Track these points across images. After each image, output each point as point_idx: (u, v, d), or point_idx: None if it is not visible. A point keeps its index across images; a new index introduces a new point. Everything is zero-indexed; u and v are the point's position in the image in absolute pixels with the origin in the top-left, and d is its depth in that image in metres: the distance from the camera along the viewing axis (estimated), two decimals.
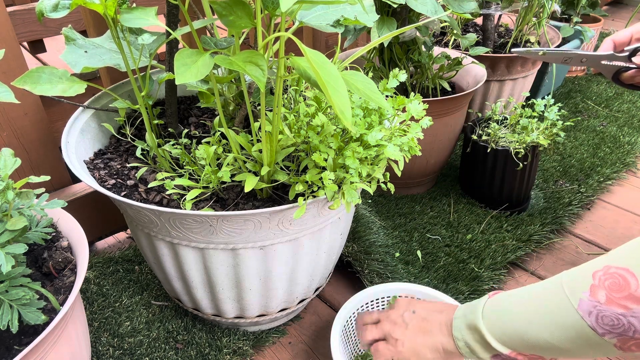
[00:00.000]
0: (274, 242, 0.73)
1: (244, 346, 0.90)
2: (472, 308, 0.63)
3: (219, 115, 0.71)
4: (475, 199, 1.27)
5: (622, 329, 0.48)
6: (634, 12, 1.89)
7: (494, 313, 0.60)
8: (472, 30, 1.70)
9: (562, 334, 0.52)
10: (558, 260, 1.14)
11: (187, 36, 1.12)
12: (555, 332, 0.53)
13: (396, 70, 0.79)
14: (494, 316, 0.59)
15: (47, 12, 0.67)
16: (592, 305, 0.50)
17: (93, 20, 0.96)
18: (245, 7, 0.56)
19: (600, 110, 1.75)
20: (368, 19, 0.73)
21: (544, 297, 0.55)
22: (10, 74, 0.88)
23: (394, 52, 1.19)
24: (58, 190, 1.05)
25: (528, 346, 0.56)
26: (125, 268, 1.04)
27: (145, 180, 0.79)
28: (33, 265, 0.69)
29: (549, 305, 0.54)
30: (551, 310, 0.53)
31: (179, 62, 0.53)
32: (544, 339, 0.54)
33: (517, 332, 0.56)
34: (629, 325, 0.48)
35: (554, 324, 0.53)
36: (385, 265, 1.01)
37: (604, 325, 0.49)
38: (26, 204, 0.63)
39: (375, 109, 0.75)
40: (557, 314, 0.52)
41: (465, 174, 1.28)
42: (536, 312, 0.55)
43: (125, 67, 0.74)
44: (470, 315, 0.62)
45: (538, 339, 0.54)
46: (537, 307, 0.55)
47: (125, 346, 0.87)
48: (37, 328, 0.61)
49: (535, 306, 0.55)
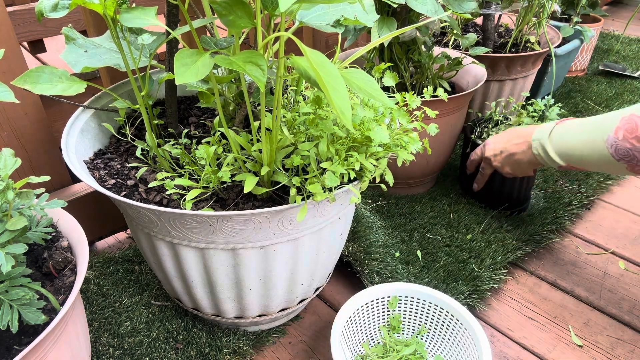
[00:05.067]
0: (274, 242, 0.73)
1: (244, 346, 0.90)
2: (543, 133, 0.92)
3: (219, 115, 0.71)
4: (475, 199, 1.27)
5: (629, 158, 0.76)
6: (634, 12, 1.89)
7: (557, 138, 0.89)
8: (472, 30, 1.70)
9: (597, 156, 0.81)
10: (558, 260, 1.14)
11: (187, 36, 1.12)
12: (593, 155, 0.82)
13: (389, 72, 0.80)
14: (556, 141, 0.89)
15: (47, 12, 0.67)
16: (613, 140, 0.77)
17: (93, 20, 0.96)
18: (245, 7, 0.56)
19: (600, 110, 1.75)
20: (368, 18, 0.73)
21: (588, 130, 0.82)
22: (10, 74, 0.88)
23: (394, 52, 1.19)
24: (58, 190, 1.04)
25: (578, 161, 0.86)
26: (125, 268, 1.04)
27: (145, 180, 0.79)
28: (33, 265, 0.69)
29: (590, 136, 0.82)
30: (591, 140, 0.81)
31: (179, 62, 0.53)
32: (587, 158, 0.83)
33: (570, 153, 0.86)
34: (634, 156, 0.76)
35: (593, 149, 0.81)
36: (385, 265, 1.01)
37: (620, 154, 0.77)
38: (26, 204, 0.63)
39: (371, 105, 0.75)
40: (594, 143, 0.81)
41: (466, 175, 1.28)
42: (582, 140, 0.83)
43: (125, 67, 0.74)
44: (542, 139, 0.91)
45: (584, 157, 0.84)
46: (583, 137, 0.83)
47: (125, 346, 0.87)
48: (37, 328, 0.61)
49: (582, 136, 0.83)
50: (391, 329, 0.90)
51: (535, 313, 1.01)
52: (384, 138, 0.67)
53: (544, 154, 0.91)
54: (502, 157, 1.02)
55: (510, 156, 1.00)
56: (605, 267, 1.12)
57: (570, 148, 0.86)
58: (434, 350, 0.89)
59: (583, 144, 0.83)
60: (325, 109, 0.71)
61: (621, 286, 1.08)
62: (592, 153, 0.82)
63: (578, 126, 0.85)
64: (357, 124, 0.69)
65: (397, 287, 0.88)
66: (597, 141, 0.80)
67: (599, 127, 0.80)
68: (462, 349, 0.83)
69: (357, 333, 0.88)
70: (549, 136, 0.90)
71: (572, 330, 0.98)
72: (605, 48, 2.32)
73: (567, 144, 0.86)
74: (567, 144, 0.86)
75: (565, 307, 1.03)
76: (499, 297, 1.05)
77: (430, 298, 0.87)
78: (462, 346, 0.83)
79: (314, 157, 0.68)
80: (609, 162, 0.79)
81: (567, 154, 0.87)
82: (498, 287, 1.06)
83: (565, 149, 0.87)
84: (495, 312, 1.01)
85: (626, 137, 0.75)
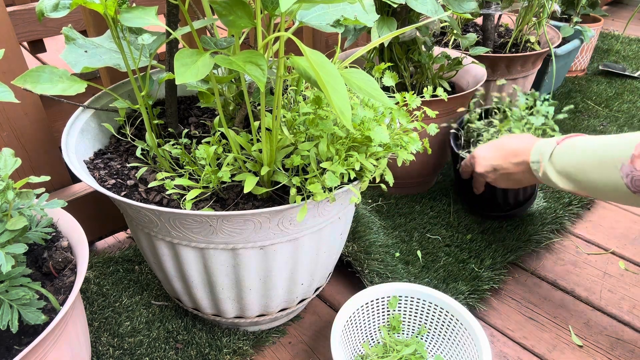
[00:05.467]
0: (274, 242, 0.73)
1: (244, 346, 0.90)
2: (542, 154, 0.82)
3: (219, 115, 0.71)
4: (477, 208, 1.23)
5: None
6: (634, 12, 1.89)
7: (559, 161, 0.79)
8: (472, 30, 1.70)
9: (608, 186, 0.72)
10: (558, 260, 1.14)
11: (187, 36, 1.12)
12: (603, 183, 0.72)
13: (389, 72, 0.80)
14: (559, 164, 0.79)
15: (48, 11, 0.67)
16: (630, 170, 0.68)
17: (93, 20, 0.96)
18: (245, 7, 0.56)
19: (600, 110, 1.75)
20: (368, 18, 0.73)
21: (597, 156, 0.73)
22: (10, 74, 0.88)
23: (394, 52, 1.19)
24: (58, 190, 1.04)
25: (584, 188, 0.76)
26: (125, 268, 1.04)
27: (145, 180, 0.79)
28: (33, 265, 0.69)
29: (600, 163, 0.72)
30: (601, 167, 0.72)
31: (179, 62, 0.53)
32: (596, 186, 0.74)
33: (575, 178, 0.76)
34: None
35: (603, 177, 0.72)
36: (385, 265, 1.01)
37: (637, 186, 0.68)
38: (26, 204, 0.63)
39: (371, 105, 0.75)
40: (605, 171, 0.71)
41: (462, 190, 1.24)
42: (590, 166, 0.73)
43: (125, 67, 0.74)
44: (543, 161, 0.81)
45: (591, 185, 0.74)
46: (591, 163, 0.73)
47: (125, 346, 0.87)
48: (37, 328, 0.61)
49: (590, 161, 0.74)
50: (391, 329, 0.90)
51: (535, 313, 1.01)
52: (384, 138, 0.67)
53: (546, 177, 0.81)
54: (498, 175, 0.92)
55: (508, 175, 0.90)
56: (605, 267, 1.12)
57: (578, 174, 0.75)
58: (434, 350, 0.89)
59: (591, 170, 0.73)
60: (325, 109, 0.71)
61: (621, 286, 1.08)
62: (603, 181, 0.72)
63: (585, 150, 0.75)
64: (357, 124, 0.69)
65: (397, 287, 0.88)
66: (608, 169, 0.70)
67: (610, 154, 0.71)
68: (462, 349, 0.83)
69: (357, 333, 0.88)
70: (549, 159, 0.80)
71: (572, 330, 0.98)
72: (605, 48, 2.32)
73: (572, 169, 0.76)
74: (572, 169, 0.76)
75: (565, 307, 1.03)
76: (499, 297, 1.05)
77: (430, 298, 0.87)
78: (462, 346, 0.83)
79: (314, 157, 0.68)
80: (623, 193, 0.70)
81: (574, 180, 0.77)
82: (498, 287, 1.06)
83: (569, 175, 0.77)
84: (495, 312, 1.01)
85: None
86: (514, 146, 0.88)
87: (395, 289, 0.88)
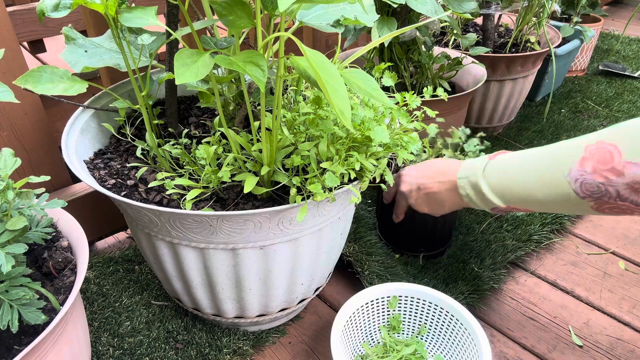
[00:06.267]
0: (274, 242, 0.73)
1: (244, 346, 0.90)
2: (473, 170, 0.74)
3: (219, 115, 0.71)
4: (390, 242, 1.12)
5: (599, 195, 0.60)
6: (634, 12, 1.89)
7: (495, 174, 0.71)
8: (472, 30, 1.70)
9: (551, 194, 0.65)
10: (558, 260, 1.14)
11: (187, 36, 1.12)
12: (546, 192, 0.65)
13: (388, 72, 0.80)
14: (494, 177, 0.71)
15: (48, 11, 0.67)
16: (579, 174, 0.61)
17: (93, 20, 0.96)
18: (245, 7, 0.56)
19: (600, 110, 1.75)
20: (368, 18, 0.73)
21: (540, 163, 0.66)
22: (10, 74, 0.88)
23: (394, 52, 1.19)
24: (58, 190, 1.04)
25: (522, 201, 0.69)
26: (125, 268, 1.04)
27: (145, 180, 0.79)
28: (33, 265, 0.69)
29: (543, 170, 0.65)
30: (545, 175, 0.65)
31: (179, 62, 0.53)
32: (536, 196, 0.67)
33: (513, 190, 0.69)
34: (606, 192, 0.60)
35: (546, 186, 0.65)
36: (386, 267, 1.01)
37: (586, 191, 0.61)
38: (26, 204, 0.63)
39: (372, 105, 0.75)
40: (550, 178, 0.64)
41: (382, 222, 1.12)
42: (532, 175, 0.66)
43: (126, 67, 0.74)
44: (473, 177, 0.74)
45: (531, 196, 0.67)
46: (533, 171, 0.66)
47: (125, 346, 0.87)
48: (37, 328, 0.61)
49: (531, 170, 0.67)
50: (391, 329, 0.90)
51: (535, 313, 1.01)
52: (384, 138, 0.67)
53: (476, 194, 0.74)
54: (420, 195, 0.84)
55: (430, 195, 0.82)
56: (605, 267, 1.12)
57: (515, 185, 0.68)
58: (434, 350, 0.89)
59: (533, 179, 0.66)
60: (325, 109, 0.71)
61: (621, 286, 1.08)
62: (545, 190, 0.65)
63: (523, 159, 0.69)
64: (357, 124, 0.69)
65: (397, 287, 0.88)
66: (553, 176, 0.64)
67: (555, 160, 0.64)
68: (462, 349, 0.83)
69: (357, 333, 0.88)
70: (482, 173, 0.72)
71: (572, 330, 0.98)
72: (605, 48, 2.32)
73: (510, 180, 0.69)
74: (509, 180, 0.69)
75: (565, 307, 1.03)
76: (499, 297, 1.05)
77: (430, 298, 0.87)
78: (462, 346, 0.83)
79: (314, 157, 0.68)
80: (569, 200, 0.63)
81: (509, 193, 0.69)
82: (498, 287, 1.06)
83: (506, 187, 0.69)
84: (495, 312, 1.01)
85: (597, 169, 0.59)
86: (442, 165, 0.82)
87: (395, 289, 0.88)
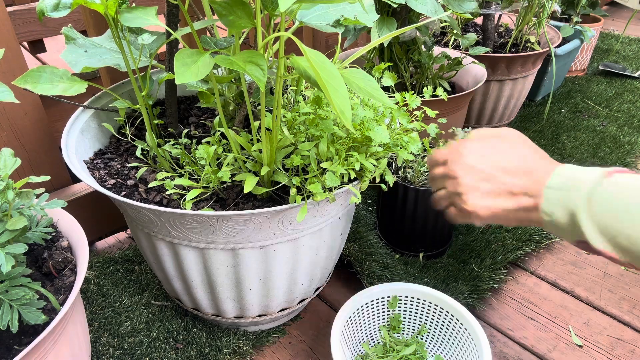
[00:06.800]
0: (274, 242, 0.73)
1: (244, 346, 0.90)
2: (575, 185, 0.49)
3: (219, 115, 0.71)
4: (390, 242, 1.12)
5: None
6: (634, 12, 1.89)
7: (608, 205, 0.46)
8: (472, 30, 1.70)
9: None
10: (558, 260, 1.14)
11: (187, 36, 1.12)
12: None
13: (388, 72, 0.80)
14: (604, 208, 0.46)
15: (48, 11, 0.67)
16: None
17: (93, 20, 0.96)
18: (245, 7, 0.56)
19: (600, 110, 1.75)
20: (368, 18, 0.73)
21: None
22: (10, 74, 0.88)
23: (394, 52, 1.19)
24: (58, 190, 1.04)
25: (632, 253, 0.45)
26: (125, 268, 1.04)
27: (145, 180, 0.79)
28: (33, 265, 0.69)
29: None
30: None
31: (179, 62, 0.53)
32: None
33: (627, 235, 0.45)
34: None
35: None
36: (386, 267, 1.01)
37: None
38: (26, 204, 0.63)
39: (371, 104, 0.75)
40: None
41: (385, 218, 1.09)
42: None
43: (126, 67, 0.74)
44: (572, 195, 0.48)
45: None
46: None
47: (125, 346, 0.87)
48: (37, 328, 0.61)
49: None
50: (391, 329, 0.90)
51: (535, 313, 1.01)
52: (384, 138, 0.67)
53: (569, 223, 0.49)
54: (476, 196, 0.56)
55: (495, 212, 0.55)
56: (605, 267, 1.12)
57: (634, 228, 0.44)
58: (434, 350, 0.89)
59: None
60: (325, 109, 0.71)
61: (621, 286, 1.08)
62: None
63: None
64: (357, 124, 0.69)
65: (397, 287, 0.88)
66: None
67: None
68: (462, 349, 0.83)
69: (357, 333, 0.88)
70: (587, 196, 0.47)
71: (572, 330, 0.98)
72: (605, 48, 2.32)
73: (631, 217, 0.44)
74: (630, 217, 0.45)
75: (565, 307, 1.03)
76: (499, 297, 1.05)
77: (430, 298, 0.87)
78: (462, 346, 0.83)
79: (314, 157, 0.68)
80: None
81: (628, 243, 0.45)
82: (498, 287, 1.06)
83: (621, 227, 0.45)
84: (495, 312, 1.01)
85: None
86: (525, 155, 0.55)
87: (395, 289, 0.88)
